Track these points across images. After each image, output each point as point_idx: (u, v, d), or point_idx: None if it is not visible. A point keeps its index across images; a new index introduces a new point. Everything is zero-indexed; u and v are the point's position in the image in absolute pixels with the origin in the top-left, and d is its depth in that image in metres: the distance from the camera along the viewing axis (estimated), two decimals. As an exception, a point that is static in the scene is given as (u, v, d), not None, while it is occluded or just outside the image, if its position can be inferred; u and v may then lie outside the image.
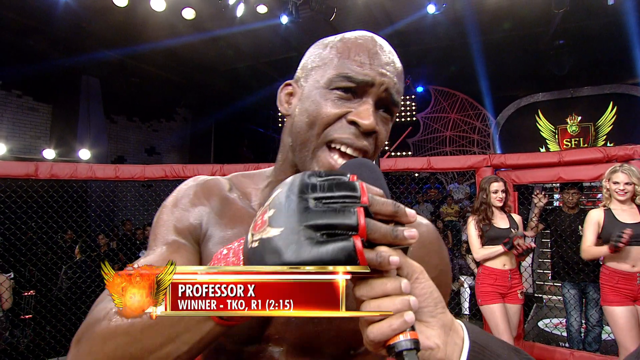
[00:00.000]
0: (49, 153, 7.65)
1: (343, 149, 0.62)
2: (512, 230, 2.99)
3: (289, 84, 0.72)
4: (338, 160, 0.62)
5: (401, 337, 0.41)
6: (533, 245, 3.01)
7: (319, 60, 0.67)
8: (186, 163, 4.05)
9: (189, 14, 6.68)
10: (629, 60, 8.58)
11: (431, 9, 7.05)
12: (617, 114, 10.20)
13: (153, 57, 8.48)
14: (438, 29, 8.03)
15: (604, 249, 2.73)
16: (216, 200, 0.73)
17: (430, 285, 0.46)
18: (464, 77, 10.37)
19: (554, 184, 6.38)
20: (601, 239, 2.82)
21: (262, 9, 6.93)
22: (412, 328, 0.41)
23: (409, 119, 12.35)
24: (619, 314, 2.71)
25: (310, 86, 0.66)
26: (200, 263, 0.69)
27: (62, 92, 8.09)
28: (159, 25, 7.01)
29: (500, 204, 3.06)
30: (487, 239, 3.06)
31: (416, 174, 10.51)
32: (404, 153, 12.15)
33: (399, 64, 0.67)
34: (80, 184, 4.03)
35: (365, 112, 0.62)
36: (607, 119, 10.32)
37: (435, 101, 11.88)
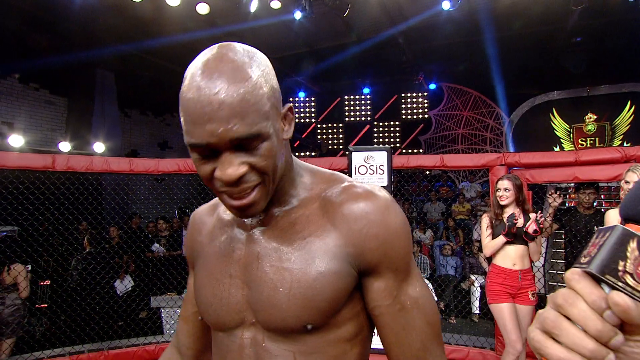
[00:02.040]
0: (65, 146, 7.76)
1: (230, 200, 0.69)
2: (523, 230, 2.93)
3: None
4: (234, 201, 0.68)
5: None
6: (534, 227, 2.91)
7: (180, 113, 0.68)
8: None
9: (203, 9, 6.71)
10: (648, 59, 8.41)
11: (446, 5, 6.97)
12: (634, 113, 10.00)
13: (167, 52, 8.53)
14: (452, 25, 7.95)
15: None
16: (202, 232, 0.89)
17: None
18: (478, 74, 10.26)
19: (568, 184, 6.29)
20: None
21: (275, 4, 6.92)
22: None
23: (420, 116, 12.28)
24: None
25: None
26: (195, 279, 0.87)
27: (77, 85, 8.19)
28: (174, 20, 7.05)
29: (503, 202, 3.01)
30: (497, 235, 3.02)
31: (427, 172, 10.46)
32: (415, 150, 12.08)
33: (234, 96, 0.62)
34: (95, 177, 4.08)
35: (221, 169, 0.65)
36: (625, 118, 10.12)
37: (447, 98, 11.77)
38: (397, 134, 12.58)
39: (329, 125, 13.30)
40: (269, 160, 0.67)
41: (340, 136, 13.20)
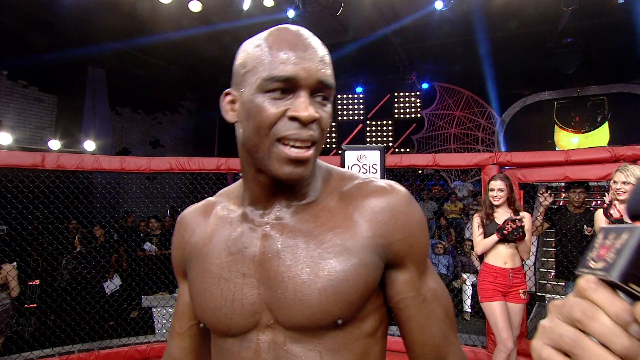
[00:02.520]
0: (54, 144, 7.67)
1: (292, 144, 0.67)
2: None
3: (229, 93, 0.75)
4: (292, 151, 0.67)
5: None
6: (520, 222, 2.94)
7: (249, 63, 0.70)
8: (190, 156, 4.02)
9: (195, 6, 6.67)
10: (637, 60, 8.51)
11: (439, 5, 7.00)
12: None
13: (159, 50, 8.47)
14: (445, 25, 7.99)
15: None
16: (196, 233, 0.84)
17: None
18: (470, 74, 10.33)
19: (559, 183, 6.36)
20: None
21: (268, 2, 6.90)
22: None
23: (413, 115, 12.32)
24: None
25: (247, 92, 0.69)
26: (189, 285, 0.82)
27: (67, 83, 8.10)
28: (166, 18, 7.00)
29: (497, 202, 3.03)
30: (488, 235, 3.04)
31: (420, 171, 10.50)
32: (407, 150, 12.13)
33: (322, 51, 0.71)
34: (85, 175, 4.03)
35: (301, 106, 0.66)
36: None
37: (440, 98, 11.83)
38: (390, 133, 12.61)
39: (322, 124, 13.30)
40: (328, 121, 0.71)
41: (333, 135, 13.20)
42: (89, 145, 8.05)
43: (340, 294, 0.68)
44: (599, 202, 6.58)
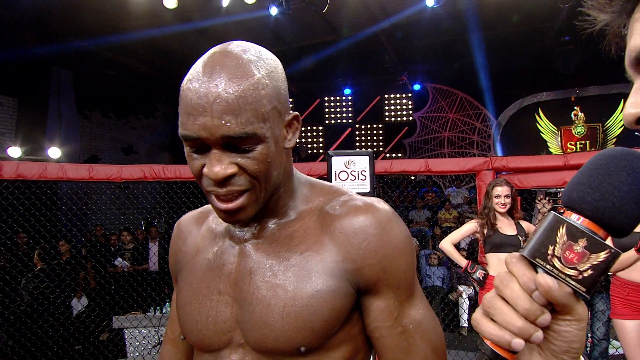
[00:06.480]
0: (15, 151, 7.49)
1: (215, 198, 0.69)
2: (519, 238, 2.98)
3: None
4: (220, 204, 0.69)
5: (488, 343, 0.47)
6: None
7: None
8: (167, 163, 3.97)
9: (170, 2, 6.62)
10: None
11: (430, 2, 7.08)
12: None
13: (132, 49, 8.38)
14: (437, 23, 8.08)
15: (631, 254, 2.57)
16: (187, 241, 0.88)
17: (579, 337, 0.47)
18: (464, 74, 10.45)
19: (558, 189, 6.44)
20: None
21: (249, -2, 6.90)
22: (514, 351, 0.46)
23: (405, 118, 12.41)
24: (628, 327, 2.73)
25: None
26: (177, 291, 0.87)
27: (30, 84, 7.94)
28: (139, 14, 6.94)
29: (503, 210, 3.04)
30: (491, 245, 3.05)
31: (412, 177, 10.55)
32: (399, 155, 12.20)
33: (233, 94, 0.64)
34: (49, 185, 3.95)
35: (209, 166, 0.66)
36: (618, 119, 10.33)
37: (433, 100, 11.94)
38: (381, 137, 12.67)
39: (308, 128, 13.31)
40: (261, 165, 0.68)
41: (321, 140, 13.22)
42: (54, 152, 7.89)
43: (303, 320, 0.68)
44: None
